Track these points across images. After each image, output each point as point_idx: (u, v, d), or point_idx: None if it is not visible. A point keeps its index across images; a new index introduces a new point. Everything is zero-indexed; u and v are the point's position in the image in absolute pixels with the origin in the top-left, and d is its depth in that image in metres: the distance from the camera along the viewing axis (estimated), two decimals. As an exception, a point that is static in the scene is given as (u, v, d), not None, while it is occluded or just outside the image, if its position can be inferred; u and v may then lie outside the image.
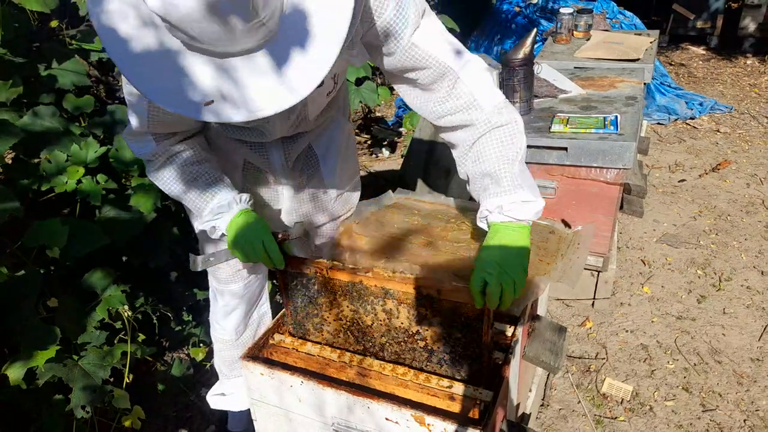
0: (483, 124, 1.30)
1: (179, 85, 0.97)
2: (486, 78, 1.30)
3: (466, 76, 1.27)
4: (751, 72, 5.80)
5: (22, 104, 2.07)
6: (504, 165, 1.28)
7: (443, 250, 1.58)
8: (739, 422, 2.11)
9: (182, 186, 1.41)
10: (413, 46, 1.20)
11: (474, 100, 1.28)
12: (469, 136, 1.33)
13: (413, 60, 1.23)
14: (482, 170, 1.31)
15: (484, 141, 1.30)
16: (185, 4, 0.84)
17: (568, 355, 2.45)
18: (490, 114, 1.29)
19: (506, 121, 1.30)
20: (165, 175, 1.41)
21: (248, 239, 1.34)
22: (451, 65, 1.25)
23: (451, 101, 1.29)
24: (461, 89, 1.28)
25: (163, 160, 1.40)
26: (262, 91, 0.97)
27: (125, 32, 0.96)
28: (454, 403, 1.21)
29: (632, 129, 2.25)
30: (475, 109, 1.29)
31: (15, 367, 1.67)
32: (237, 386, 1.97)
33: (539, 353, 1.45)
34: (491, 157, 1.30)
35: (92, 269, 1.98)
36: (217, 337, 1.88)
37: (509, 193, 1.27)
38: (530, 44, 2.37)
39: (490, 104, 1.29)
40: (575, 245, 1.60)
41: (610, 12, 4.82)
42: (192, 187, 1.41)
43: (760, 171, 3.89)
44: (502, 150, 1.29)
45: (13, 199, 1.68)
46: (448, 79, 1.27)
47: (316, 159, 1.60)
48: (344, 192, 1.72)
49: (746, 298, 2.73)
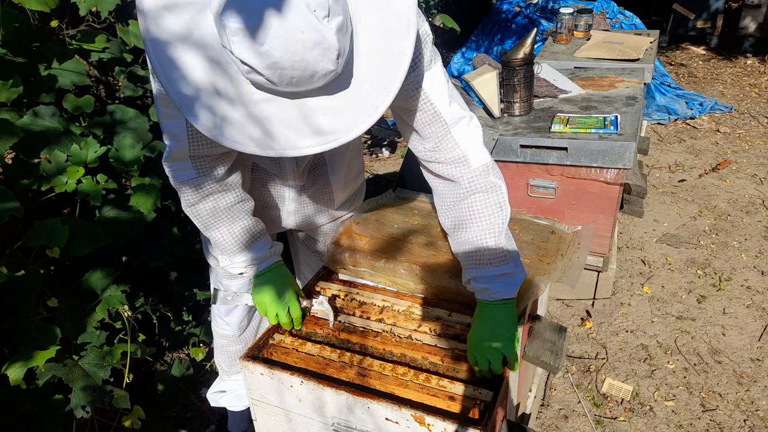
0: (468, 184, 1.33)
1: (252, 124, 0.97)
2: (478, 136, 1.33)
3: (458, 130, 1.30)
4: (751, 72, 5.80)
5: (22, 104, 2.07)
6: (491, 237, 1.32)
7: (443, 250, 1.58)
8: (739, 422, 2.11)
9: (220, 225, 1.39)
10: (417, 85, 1.23)
11: (463, 155, 1.31)
12: (452, 192, 1.37)
13: (411, 99, 1.24)
14: (467, 238, 1.35)
15: (471, 205, 1.34)
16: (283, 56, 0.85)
17: (568, 355, 2.45)
18: (476, 174, 1.32)
19: (492, 185, 1.33)
20: (203, 211, 1.37)
21: (275, 302, 1.41)
22: (445, 116, 1.27)
23: (440, 152, 1.32)
24: (451, 142, 1.30)
25: (202, 195, 1.35)
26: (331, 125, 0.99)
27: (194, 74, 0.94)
28: (454, 403, 1.21)
29: (632, 129, 2.25)
30: (462, 164, 1.32)
31: (15, 367, 1.67)
32: (237, 383, 1.97)
33: (539, 353, 1.45)
34: (478, 225, 1.33)
35: (92, 269, 1.98)
36: (219, 332, 1.88)
37: (495, 267, 1.32)
38: (530, 44, 2.37)
39: (478, 162, 1.32)
40: (575, 245, 1.60)
41: (610, 12, 4.82)
42: (230, 228, 1.40)
43: (760, 171, 3.89)
44: (488, 220, 1.33)
45: (13, 199, 1.68)
46: (440, 129, 1.29)
47: (324, 161, 1.60)
48: (349, 193, 1.73)
49: (746, 298, 2.73)
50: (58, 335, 1.74)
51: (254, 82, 0.93)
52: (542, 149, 2.31)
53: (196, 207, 1.37)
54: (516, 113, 2.49)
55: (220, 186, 1.36)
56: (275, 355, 1.37)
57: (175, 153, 1.27)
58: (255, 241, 1.44)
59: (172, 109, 1.18)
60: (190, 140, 1.24)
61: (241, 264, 1.44)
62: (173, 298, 2.38)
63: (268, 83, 0.91)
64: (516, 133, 2.35)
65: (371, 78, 0.99)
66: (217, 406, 2.02)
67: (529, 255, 1.55)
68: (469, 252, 1.35)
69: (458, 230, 1.38)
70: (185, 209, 1.39)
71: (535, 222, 1.72)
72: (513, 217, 1.74)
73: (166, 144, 1.27)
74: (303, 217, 1.67)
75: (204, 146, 1.26)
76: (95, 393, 1.77)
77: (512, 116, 2.50)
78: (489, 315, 1.31)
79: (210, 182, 1.33)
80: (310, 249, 1.86)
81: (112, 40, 2.28)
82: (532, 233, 1.65)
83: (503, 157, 2.37)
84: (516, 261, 1.34)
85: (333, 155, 1.60)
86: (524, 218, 1.73)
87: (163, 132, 1.26)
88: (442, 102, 1.26)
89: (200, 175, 1.31)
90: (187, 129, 1.22)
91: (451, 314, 1.44)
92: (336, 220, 1.76)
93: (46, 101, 2.08)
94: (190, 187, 1.33)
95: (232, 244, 1.41)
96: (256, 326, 1.90)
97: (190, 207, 1.37)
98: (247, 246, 1.43)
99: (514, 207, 2.03)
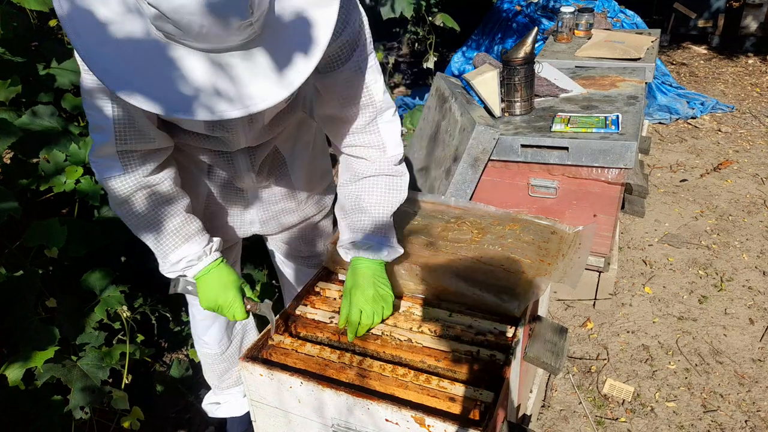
0: (378, 164, 1.40)
1: (167, 81, 0.93)
2: (398, 126, 1.40)
3: (383, 118, 1.36)
4: (752, 71, 5.78)
5: (20, 104, 2.07)
6: (383, 209, 1.41)
7: (443, 250, 1.57)
8: (740, 423, 2.10)
9: (148, 225, 1.32)
10: (359, 69, 1.26)
11: (382, 142, 1.38)
12: (363, 168, 1.41)
13: (351, 83, 1.27)
14: (361, 206, 1.40)
15: (374, 181, 1.41)
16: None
17: (569, 355, 2.44)
18: (389, 159, 1.40)
19: (399, 172, 1.42)
20: (131, 210, 1.30)
21: (218, 304, 1.39)
22: (377, 103, 1.32)
23: (363, 135, 1.38)
24: (374, 128, 1.36)
25: (129, 192, 1.27)
26: (256, 86, 0.96)
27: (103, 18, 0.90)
28: (455, 404, 1.20)
29: (633, 128, 2.24)
30: (379, 149, 1.38)
31: (14, 367, 1.66)
32: (231, 395, 1.96)
33: (540, 354, 1.44)
34: (375, 198, 1.41)
35: (91, 269, 1.97)
36: (203, 352, 1.86)
37: (386, 235, 1.42)
38: (531, 43, 2.36)
39: (394, 152, 1.40)
40: (576, 245, 1.59)
41: (611, 11, 4.81)
42: (159, 227, 1.32)
43: (761, 171, 3.88)
44: (387, 196, 1.41)
45: (12, 199, 1.67)
46: (370, 114, 1.34)
47: (284, 161, 1.58)
48: (315, 193, 1.70)
49: (748, 298, 2.72)
50: (56, 336, 1.74)
51: (165, 33, 0.90)
52: (543, 149, 2.30)
53: (124, 206, 1.29)
54: (517, 112, 2.48)
55: (148, 182, 1.29)
56: (275, 356, 1.37)
57: (102, 148, 1.22)
58: (187, 239, 1.35)
59: (98, 98, 1.15)
60: (116, 133, 1.19)
61: (176, 266, 1.36)
62: (172, 298, 2.37)
63: (179, 33, 0.87)
64: (517, 132, 2.34)
65: (294, 43, 0.97)
66: (215, 416, 2.01)
67: (530, 255, 1.54)
68: (357, 219, 1.41)
69: (357, 198, 1.42)
70: (113, 208, 1.33)
71: (536, 222, 1.71)
72: (513, 217, 1.73)
73: (93, 138, 1.23)
74: (269, 219, 1.64)
75: (132, 139, 1.21)
76: (94, 394, 1.76)
77: (513, 115, 2.49)
78: (373, 272, 1.39)
79: (137, 179, 1.27)
80: (294, 256, 1.84)
81: (111, 39, 2.27)
82: (533, 233, 1.64)
83: (504, 156, 2.37)
84: (394, 236, 1.46)
85: (292, 155, 1.58)
86: (525, 218, 1.73)
87: (89, 125, 1.22)
88: (379, 88, 1.31)
89: (127, 171, 1.25)
90: (114, 122, 1.18)
91: (451, 315, 1.44)
92: (308, 220, 1.73)
93: (44, 101, 2.08)
94: (117, 184, 1.26)
95: (163, 244, 1.34)
96: (239, 344, 1.88)
97: (118, 206, 1.30)
98: (178, 245, 1.35)
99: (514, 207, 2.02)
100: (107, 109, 1.17)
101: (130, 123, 1.19)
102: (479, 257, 1.54)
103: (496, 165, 2.42)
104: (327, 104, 1.33)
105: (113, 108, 1.17)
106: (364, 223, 1.40)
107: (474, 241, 1.61)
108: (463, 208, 1.80)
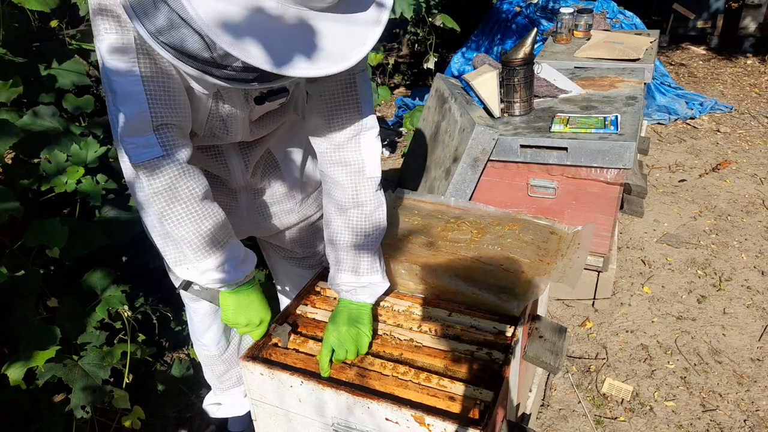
0: (357, 190, 1.34)
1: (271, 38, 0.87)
2: (379, 149, 1.36)
3: (366, 136, 1.33)
4: (751, 72, 5.79)
5: (22, 104, 2.07)
6: (367, 246, 1.38)
7: (443, 250, 1.58)
8: (739, 422, 2.11)
9: (187, 223, 1.17)
10: (352, 81, 1.25)
11: (362, 160, 1.33)
12: (343, 198, 1.36)
13: (343, 91, 1.25)
14: (346, 241, 1.37)
15: (355, 215, 1.36)
16: None
17: (568, 355, 2.45)
18: (368, 182, 1.35)
19: (379, 201, 1.38)
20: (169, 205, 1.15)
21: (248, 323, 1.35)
22: (363, 119, 1.30)
23: (344, 152, 1.32)
24: (355, 145, 1.32)
25: (170, 180, 1.12)
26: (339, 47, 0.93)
27: None
28: (454, 404, 1.21)
29: (632, 129, 2.25)
30: (358, 170, 1.33)
31: (15, 367, 1.67)
32: (231, 396, 1.96)
33: (539, 353, 1.44)
34: (357, 235, 1.37)
35: (92, 269, 1.98)
36: (202, 353, 1.85)
37: (366, 275, 1.38)
38: (530, 44, 2.37)
39: (372, 174, 1.35)
40: (575, 245, 1.60)
41: (610, 12, 4.82)
42: (200, 229, 1.18)
43: (760, 171, 3.89)
44: (368, 231, 1.37)
45: (13, 199, 1.68)
46: (353, 129, 1.30)
47: (276, 163, 1.56)
48: (312, 193, 1.69)
49: (746, 298, 2.73)
50: (57, 335, 1.74)
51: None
52: (542, 149, 2.31)
53: (157, 197, 1.12)
54: (516, 113, 2.49)
55: (190, 170, 1.14)
56: (275, 355, 1.37)
57: (133, 122, 1.05)
58: (225, 245, 1.22)
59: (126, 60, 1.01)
60: (150, 102, 1.04)
61: (210, 273, 1.24)
62: (173, 298, 2.38)
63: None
64: (516, 133, 2.35)
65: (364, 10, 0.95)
66: (216, 417, 2.02)
67: (529, 255, 1.55)
68: (341, 257, 1.39)
69: (340, 234, 1.38)
70: (143, 201, 1.15)
71: (535, 222, 1.72)
72: (513, 217, 1.74)
73: (120, 114, 1.05)
74: (263, 221, 1.62)
75: (166, 110, 1.07)
76: (95, 393, 1.77)
77: (512, 116, 2.50)
78: (349, 313, 1.36)
79: (179, 164, 1.12)
80: (289, 258, 1.83)
81: (112, 40, 2.27)
82: (532, 233, 1.65)
83: (503, 157, 2.37)
84: (383, 272, 1.42)
85: (285, 157, 1.57)
86: (524, 218, 1.73)
87: (115, 97, 1.05)
88: (368, 105, 1.29)
89: (167, 152, 1.09)
90: (144, 87, 1.04)
91: (451, 314, 1.44)
92: (307, 220, 1.72)
93: (46, 101, 2.08)
94: (151, 170, 1.09)
95: (199, 245, 1.19)
96: (237, 345, 1.87)
97: (154, 197, 1.12)
98: (217, 249, 1.20)
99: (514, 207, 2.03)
100: (135, 73, 1.03)
101: (164, 89, 1.06)
102: (479, 257, 1.55)
103: (496, 165, 2.43)
104: (315, 110, 1.31)
105: (142, 72, 1.03)
106: (346, 263, 1.38)
107: (473, 241, 1.62)
108: (463, 208, 1.81)
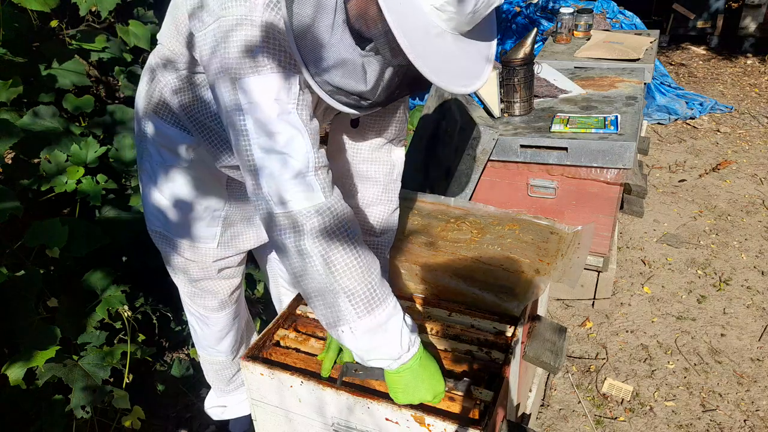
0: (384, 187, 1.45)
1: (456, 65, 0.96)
2: (403, 155, 1.47)
3: (399, 144, 1.45)
4: (751, 72, 5.79)
5: (22, 104, 2.07)
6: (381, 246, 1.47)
7: (443, 250, 1.58)
8: (739, 422, 2.11)
9: (354, 268, 1.01)
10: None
11: (393, 163, 1.45)
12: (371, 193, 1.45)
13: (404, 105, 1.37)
14: None
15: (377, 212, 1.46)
16: None
17: (568, 355, 2.45)
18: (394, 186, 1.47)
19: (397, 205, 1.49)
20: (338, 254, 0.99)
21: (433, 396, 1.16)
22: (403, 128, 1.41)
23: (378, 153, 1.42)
24: (388, 149, 1.44)
25: (335, 225, 0.98)
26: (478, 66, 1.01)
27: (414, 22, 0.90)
28: (454, 404, 1.21)
29: (632, 129, 2.25)
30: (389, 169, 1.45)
31: (15, 367, 1.67)
32: (237, 397, 1.96)
33: (539, 353, 1.45)
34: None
35: (92, 269, 1.98)
36: (213, 360, 1.82)
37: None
38: (530, 44, 2.37)
39: (399, 178, 1.48)
40: (575, 245, 1.60)
41: (610, 12, 4.82)
42: (369, 278, 1.03)
43: (760, 171, 3.89)
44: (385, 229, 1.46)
45: (13, 199, 1.68)
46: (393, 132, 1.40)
47: None
48: None
49: (746, 298, 2.73)
50: (57, 335, 1.74)
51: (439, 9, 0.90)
52: (542, 149, 2.31)
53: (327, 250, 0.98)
54: (516, 113, 2.49)
55: (349, 214, 1.03)
56: (275, 355, 1.37)
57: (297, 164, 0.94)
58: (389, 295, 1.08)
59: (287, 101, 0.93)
60: (313, 144, 0.95)
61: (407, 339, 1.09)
62: (173, 298, 2.37)
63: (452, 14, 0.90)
64: (516, 133, 2.35)
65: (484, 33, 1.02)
66: (220, 419, 2.00)
67: (529, 255, 1.55)
68: None
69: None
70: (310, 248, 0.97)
71: (535, 222, 1.72)
72: (513, 217, 1.74)
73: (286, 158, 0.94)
74: None
75: (318, 148, 0.99)
76: (95, 393, 1.76)
77: (512, 116, 2.50)
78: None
79: (342, 207, 1.01)
80: None
81: (112, 40, 2.28)
82: (532, 233, 1.65)
83: (503, 157, 2.37)
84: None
85: None
86: (524, 218, 1.73)
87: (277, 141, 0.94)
88: (406, 116, 1.41)
89: (326, 196, 0.98)
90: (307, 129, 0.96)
91: (451, 314, 1.44)
92: None
93: (46, 101, 2.08)
94: (322, 215, 0.97)
95: (368, 297, 1.03)
96: (244, 340, 1.86)
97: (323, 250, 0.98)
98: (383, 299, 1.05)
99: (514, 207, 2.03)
100: (298, 114, 0.95)
101: (316, 130, 0.99)
102: (479, 257, 1.55)
103: (496, 165, 2.43)
104: (369, 118, 1.37)
105: (300, 113, 0.96)
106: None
107: (473, 241, 1.62)
108: (463, 208, 1.81)
